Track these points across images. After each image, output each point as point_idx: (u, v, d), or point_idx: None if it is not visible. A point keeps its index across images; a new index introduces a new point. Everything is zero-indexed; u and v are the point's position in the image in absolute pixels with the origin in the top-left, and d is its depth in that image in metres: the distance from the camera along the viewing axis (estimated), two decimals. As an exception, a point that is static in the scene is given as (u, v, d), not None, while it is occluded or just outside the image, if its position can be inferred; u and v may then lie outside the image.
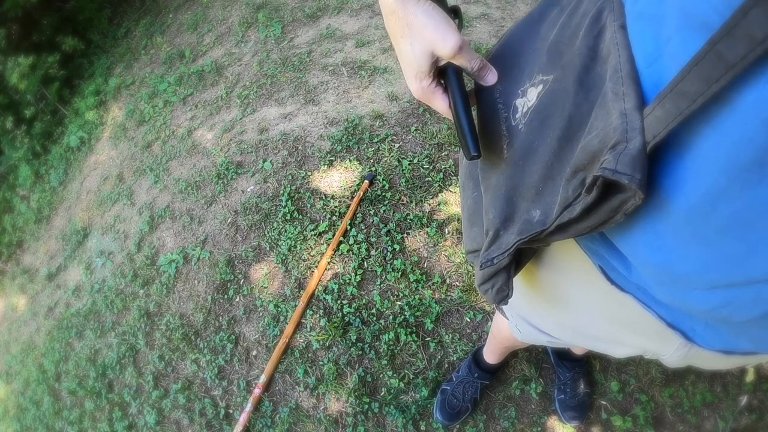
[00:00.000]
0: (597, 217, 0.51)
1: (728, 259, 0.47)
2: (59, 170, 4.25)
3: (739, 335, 0.61)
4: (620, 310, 0.73)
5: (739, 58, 0.35)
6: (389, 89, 3.16)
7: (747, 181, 0.41)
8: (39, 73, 4.46)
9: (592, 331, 0.88)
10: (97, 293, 3.10)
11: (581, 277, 0.76)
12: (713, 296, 0.51)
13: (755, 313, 0.50)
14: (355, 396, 2.18)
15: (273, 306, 2.50)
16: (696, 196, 0.45)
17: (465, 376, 2.05)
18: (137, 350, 2.73)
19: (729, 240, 0.45)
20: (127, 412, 2.59)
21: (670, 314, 0.65)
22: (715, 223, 0.45)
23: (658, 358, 0.84)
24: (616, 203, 0.49)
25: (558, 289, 0.85)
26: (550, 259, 0.81)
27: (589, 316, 0.83)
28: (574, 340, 1.01)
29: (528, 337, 1.16)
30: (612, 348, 0.92)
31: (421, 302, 2.32)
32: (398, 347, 2.25)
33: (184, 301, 2.73)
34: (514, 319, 1.14)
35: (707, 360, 0.80)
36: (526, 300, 0.98)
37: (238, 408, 2.34)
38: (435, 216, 2.54)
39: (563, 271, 0.80)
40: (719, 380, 2.02)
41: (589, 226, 0.53)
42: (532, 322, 1.04)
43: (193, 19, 4.68)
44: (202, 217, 2.99)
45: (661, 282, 0.56)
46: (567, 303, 0.86)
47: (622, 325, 0.79)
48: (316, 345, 2.33)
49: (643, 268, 0.57)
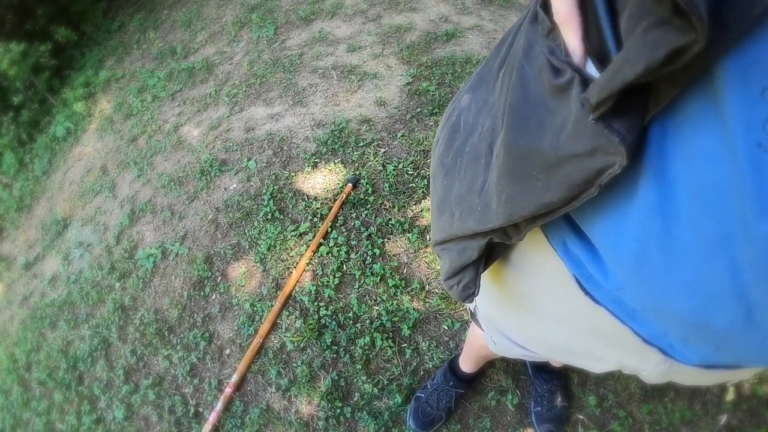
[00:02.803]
0: (573, 175, 0.47)
1: (708, 247, 0.43)
2: (44, 160, 4.15)
3: (719, 349, 0.56)
4: (596, 324, 0.69)
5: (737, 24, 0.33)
6: (378, 94, 3.10)
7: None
8: (30, 61, 4.38)
9: (568, 346, 0.84)
10: (73, 284, 3.00)
11: (556, 289, 0.71)
12: (692, 293, 0.47)
13: (737, 311, 0.46)
14: (328, 400, 2.10)
15: (249, 305, 2.42)
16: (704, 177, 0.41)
17: (440, 384, 1.98)
18: (110, 344, 2.63)
19: (711, 225, 0.42)
20: (96, 405, 2.49)
21: (647, 330, 0.61)
22: (698, 205, 0.42)
23: (638, 374, 0.80)
24: (593, 171, 0.45)
25: (533, 303, 0.81)
26: (524, 271, 0.77)
27: (565, 329, 0.79)
28: (549, 354, 0.96)
29: (503, 349, 1.11)
30: (589, 363, 0.87)
31: (398, 308, 2.25)
32: (373, 352, 2.18)
33: (160, 296, 2.64)
34: (489, 330, 1.09)
35: (688, 376, 0.76)
36: (500, 313, 0.94)
37: (208, 407, 2.26)
38: (417, 222, 2.47)
39: (538, 283, 0.76)
40: (699, 398, 1.96)
41: (561, 198, 0.49)
42: (507, 335, 1.00)
43: (187, 17, 4.61)
44: (183, 213, 2.91)
45: (637, 280, 0.52)
46: (542, 316, 0.81)
47: (598, 340, 0.74)
48: (290, 346, 2.25)
49: (619, 263, 0.53)
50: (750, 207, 0.38)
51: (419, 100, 3.03)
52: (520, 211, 0.55)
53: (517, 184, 0.55)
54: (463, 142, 0.70)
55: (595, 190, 0.46)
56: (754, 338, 0.48)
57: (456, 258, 0.75)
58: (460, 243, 0.73)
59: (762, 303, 0.44)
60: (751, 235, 0.40)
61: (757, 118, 0.35)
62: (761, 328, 0.46)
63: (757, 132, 0.35)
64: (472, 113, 0.69)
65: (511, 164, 0.56)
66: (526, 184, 0.53)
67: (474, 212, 0.65)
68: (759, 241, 0.40)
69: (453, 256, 0.76)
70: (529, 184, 0.52)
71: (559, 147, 0.47)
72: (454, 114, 0.75)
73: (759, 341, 0.48)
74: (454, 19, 3.58)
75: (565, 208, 0.51)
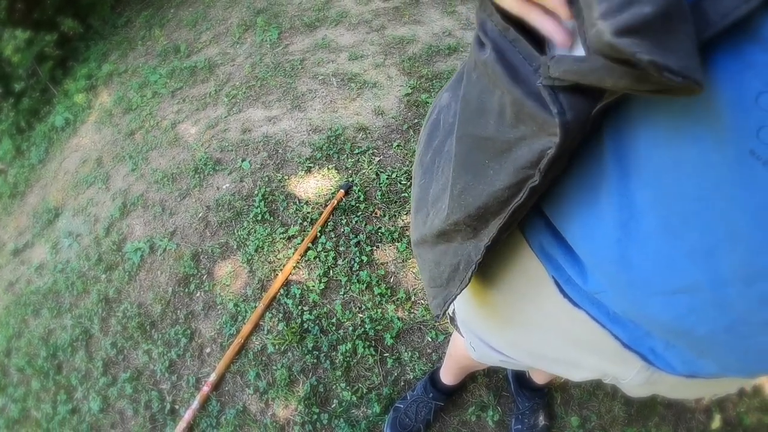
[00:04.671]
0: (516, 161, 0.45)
1: (691, 254, 0.41)
2: (40, 148, 4.09)
3: (702, 355, 0.54)
4: (576, 328, 0.67)
5: (720, 17, 0.30)
6: (376, 103, 3.07)
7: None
8: (34, 49, 4.34)
9: (548, 352, 0.81)
10: (59, 273, 2.94)
11: (536, 293, 0.70)
12: (675, 302, 0.46)
13: (720, 323, 0.44)
14: (305, 405, 2.04)
15: (233, 305, 2.37)
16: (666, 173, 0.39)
17: (420, 395, 1.92)
18: (91, 335, 2.57)
19: (693, 231, 0.40)
20: (73, 395, 2.43)
21: (628, 334, 0.60)
22: (682, 209, 0.40)
23: (618, 383, 0.79)
24: (536, 153, 0.42)
25: (512, 308, 0.78)
26: (502, 275, 0.74)
27: (544, 335, 0.76)
28: (528, 361, 0.92)
29: (482, 356, 1.06)
30: (569, 371, 0.83)
31: (383, 316, 2.20)
32: (355, 360, 2.12)
33: (145, 290, 2.59)
34: (469, 336, 1.05)
35: (670, 387, 0.75)
36: (479, 317, 0.90)
37: (184, 404, 2.20)
38: (407, 232, 2.43)
39: (518, 288, 0.73)
40: (684, 424, 1.91)
41: (508, 184, 0.47)
42: (486, 340, 0.96)
43: (193, 16, 4.58)
44: (174, 209, 2.86)
45: (617, 285, 0.50)
46: (521, 321, 0.78)
47: (578, 346, 0.72)
48: (271, 349, 2.20)
49: (599, 267, 0.52)
50: (740, 218, 0.36)
51: (417, 111, 2.99)
52: (474, 202, 0.54)
53: (470, 174, 0.54)
54: (441, 141, 0.68)
55: (537, 176, 0.44)
56: (738, 347, 0.47)
57: (434, 268, 0.74)
58: (436, 247, 0.71)
59: (746, 315, 0.42)
60: (739, 247, 0.38)
61: (751, 124, 0.33)
62: (745, 338, 0.45)
63: (750, 139, 0.33)
64: (452, 112, 0.67)
65: (462, 155, 0.55)
66: (479, 174, 0.52)
67: (440, 212, 0.64)
68: (749, 254, 0.37)
69: (431, 266, 0.75)
70: (482, 172, 0.51)
71: (506, 130, 0.45)
72: (435, 112, 0.73)
73: (742, 350, 0.47)
74: (457, 34, 3.55)
75: (514, 199, 0.49)
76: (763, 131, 0.33)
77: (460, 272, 0.67)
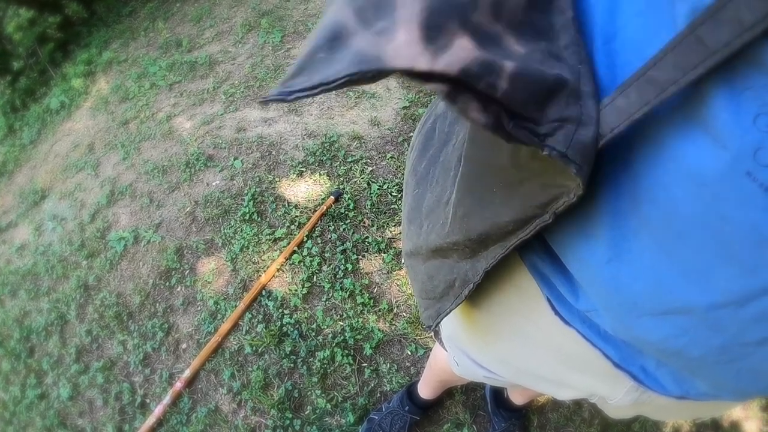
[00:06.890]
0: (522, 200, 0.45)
1: (684, 274, 0.40)
2: (33, 129, 4.02)
3: (694, 374, 0.53)
4: (567, 346, 0.65)
5: (722, 45, 0.29)
6: (373, 114, 3.03)
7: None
8: (36, 30, 4.29)
9: (536, 370, 0.77)
10: (40, 255, 2.87)
11: (526, 309, 0.67)
12: (666, 324, 0.44)
13: (712, 343, 0.43)
14: (279, 409, 1.98)
15: (213, 302, 2.30)
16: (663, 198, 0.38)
17: (396, 407, 1.87)
18: (67, 320, 2.50)
19: (686, 250, 0.39)
20: (43, 380, 2.36)
21: (618, 353, 0.58)
22: (676, 227, 0.38)
23: (605, 405, 0.78)
24: (551, 195, 0.42)
25: (500, 324, 0.75)
26: (492, 291, 0.71)
27: (534, 351, 0.73)
28: (515, 378, 0.89)
29: (466, 371, 1.02)
30: (556, 389, 0.80)
31: (364, 326, 2.15)
32: (332, 367, 2.07)
33: (125, 280, 2.52)
34: (453, 351, 1.01)
35: (659, 408, 0.73)
36: (466, 333, 0.86)
37: (156, 399, 2.13)
38: (394, 244, 2.38)
39: (509, 304, 0.70)
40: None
41: (515, 219, 0.46)
42: (472, 356, 0.92)
43: (198, 12, 4.53)
44: (162, 202, 2.80)
45: (609, 306, 0.49)
46: (509, 338, 0.75)
47: (568, 364, 0.69)
48: (248, 349, 2.14)
49: (592, 287, 0.50)
50: (734, 238, 0.35)
51: (413, 125, 2.96)
52: (476, 228, 0.52)
53: (476, 199, 0.52)
54: (437, 150, 0.66)
55: (549, 217, 0.43)
56: (730, 368, 0.45)
57: (426, 281, 0.72)
58: (429, 261, 0.69)
59: (739, 335, 0.41)
60: (732, 268, 0.37)
61: (748, 145, 0.31)
62: (737, 359, 0.43)
63: (747, 161, 0.32)
64: (448, 121, 0.66)
65: (470, 178, 0.54)
66: (485, 200, 0.51)
67: (436, 225, 0.62)
68: (742, 275, 0.37)
69: (423, 279, 0.72)
70: (488, 199, 0.50)
71: (520, 163, 0.44)
72: (430, 120, 0.71)
73: (734, 371, 0.45)
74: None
75: (519, 233, 0.47)
76: (760, 152, 0.31)
77: (456, 289, 0.65)
